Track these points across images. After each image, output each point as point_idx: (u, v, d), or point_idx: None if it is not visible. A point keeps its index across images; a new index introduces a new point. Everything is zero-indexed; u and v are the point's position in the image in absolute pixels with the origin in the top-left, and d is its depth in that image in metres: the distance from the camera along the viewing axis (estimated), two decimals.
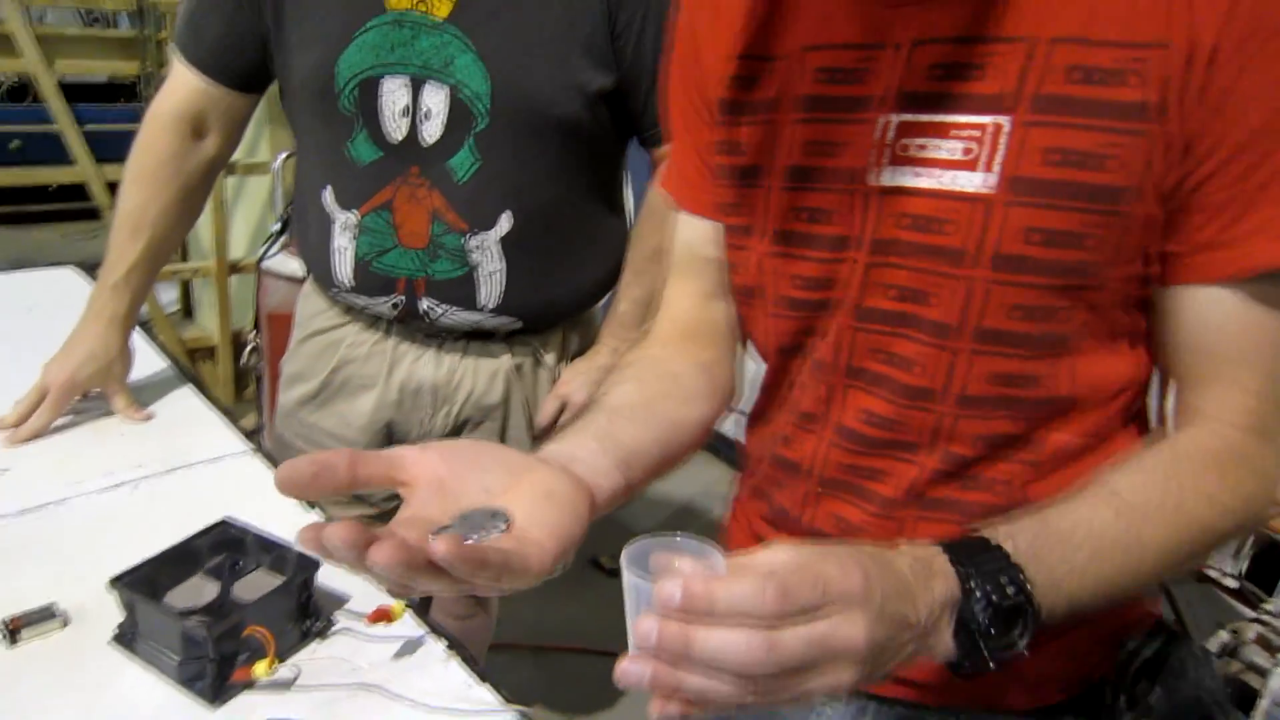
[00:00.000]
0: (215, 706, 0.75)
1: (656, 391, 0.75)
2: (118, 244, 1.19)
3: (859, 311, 0.68)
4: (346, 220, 1.17)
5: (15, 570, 0.88)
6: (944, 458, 0.68)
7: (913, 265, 0.64)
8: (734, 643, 0.45)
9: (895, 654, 0.51)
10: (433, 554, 0.46)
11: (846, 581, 0.48)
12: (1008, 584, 0.53)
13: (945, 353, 0.65)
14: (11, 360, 1.23)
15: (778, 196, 0.70)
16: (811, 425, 0.74)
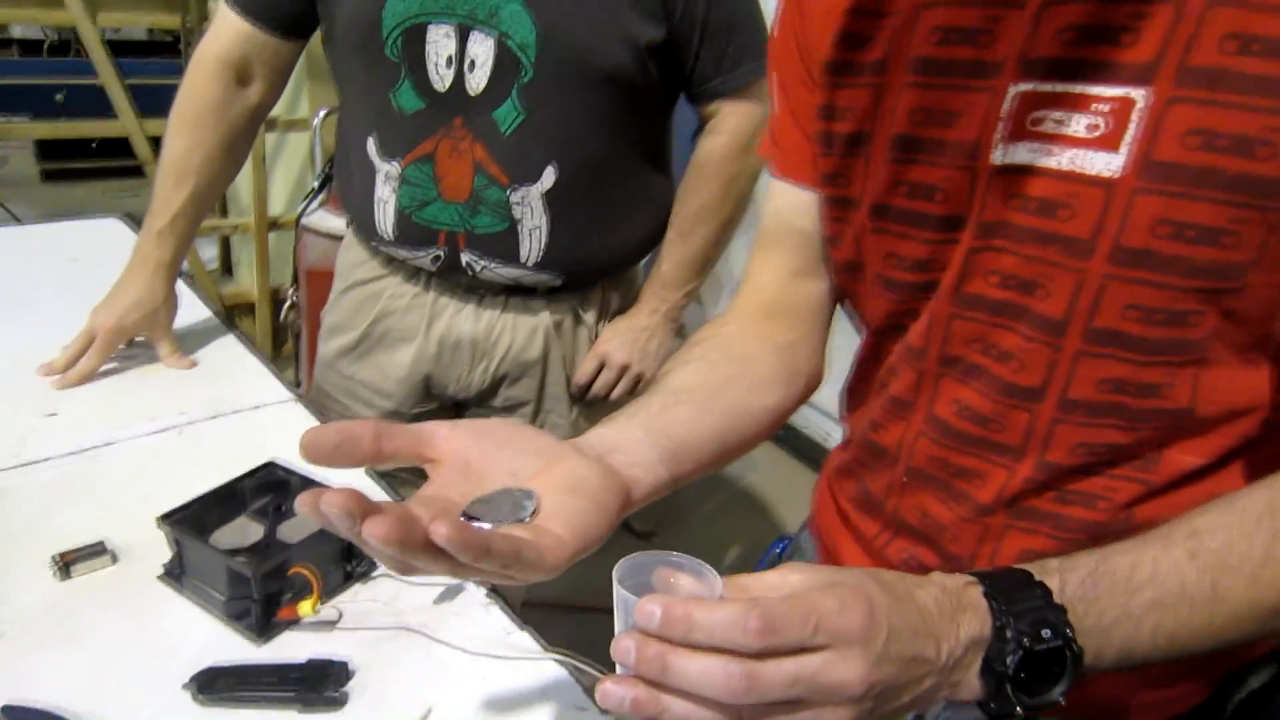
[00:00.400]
0: (261, 643, 0.76)
1: (723, 376, 0.71)
2: (162, 191, 1.20)
3: (959, 297, 0.62)
4: (389, 171, 1.16)
5: (66, 508, 0.90)
6: (1039, 465, 0.62)
7: (1023, 252, 0.58)
8: (712, 672, 0.44)
9: (906, 692, 0.48)
10: (433, 535, 0.44)
11: (844, 618, 0.45)
12: (1044, 627, 0.49)
13: (1049, 350, 0.59)
14: (59, 307, 1.24)
15: (881, 168, 0.64)
16: (901, 412, 0.69)
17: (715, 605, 0.45)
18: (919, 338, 0.66)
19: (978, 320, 0.62)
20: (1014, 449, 0.63)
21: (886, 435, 0.71)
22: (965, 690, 0.50)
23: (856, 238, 0.68)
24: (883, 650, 0.46)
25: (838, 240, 0.71)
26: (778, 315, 0.76)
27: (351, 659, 0.74)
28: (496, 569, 0.47)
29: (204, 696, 0.70)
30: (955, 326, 0.63)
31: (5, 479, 0.93)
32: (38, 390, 1.10)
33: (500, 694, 0.74)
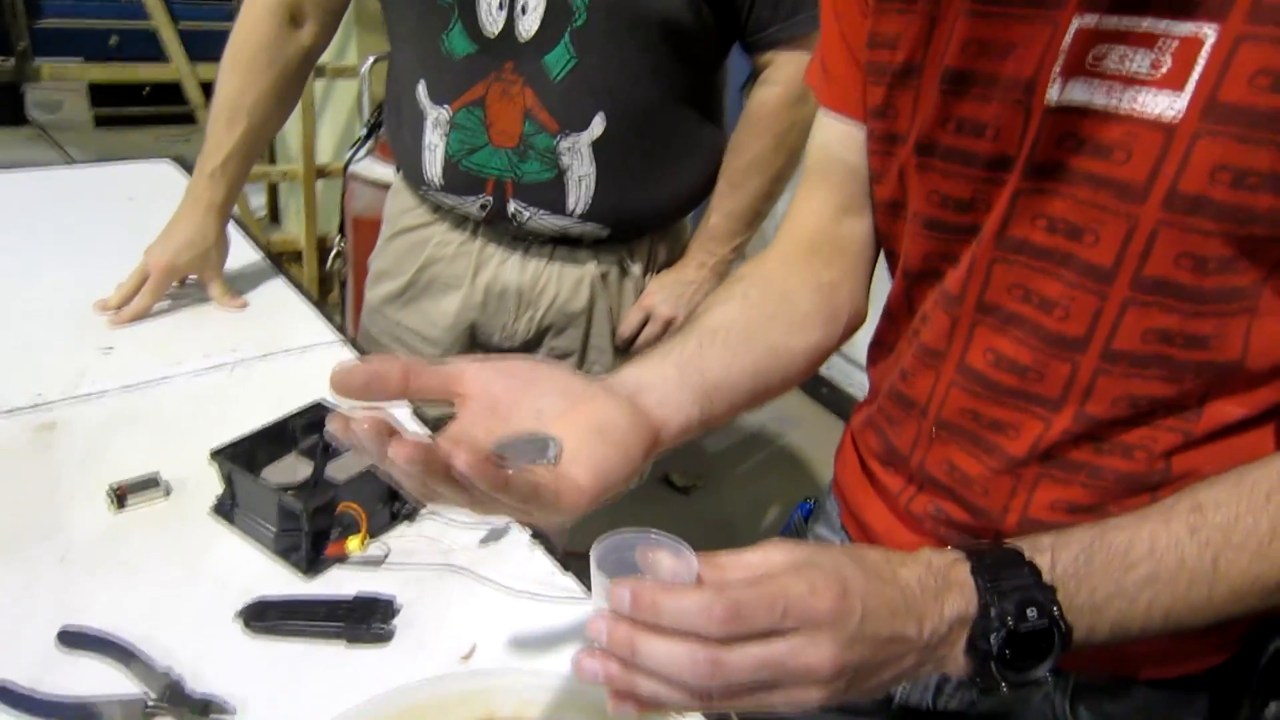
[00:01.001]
0: (309, 577, 0.77)
1: (762, 314, 0.70)
2: (215, 132, 1.20)
3: (1002, 241, 0.60)
4: (439, 116, 1.16)
5: (121, 440, 0.92)
6: (1078, 417, 0.60)
7: (1073, 195, 0.56)
8: (678, 656, 0.44)
9: (886, 670, 0.49)
10: (453, 463, 0.45)
11: (813, 602, 0.45)
12: (1030, 607, 0.49)
13: (1095, 297, 0.57)
14: (113, 246, 1.26)
15: (929, 102, 0.61)
16: (932, 361, 0.67)
17: (683, 591, 0.45)
18: (956, 283, 0.64)
19: (1021, 265, 0.60)
20: (1052, 400, 0.61)
21: (915, 386, 0.70)
22: (951, 666, 0.51)
23: (900, 174, 0.66)
24: (856, 631, 0.46)
25: (881, 177, 0.69)
26: (820, 253, 0.75)
27: (397, 596, 0.76)
28: (515, 504, 0.48)
29: (254, 627, 0.71)
30: (996, 272, 0.61)
31: (63, 410, 0.95)
32: (94, 326, 1.12)
33: (543, 633, 0.75)
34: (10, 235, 1.32)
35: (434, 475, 0.45)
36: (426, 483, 0.47)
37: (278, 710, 0.65)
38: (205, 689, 0.66)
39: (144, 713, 0.63)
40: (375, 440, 0.45)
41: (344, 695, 0.66)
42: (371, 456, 0.47)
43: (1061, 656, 0.51)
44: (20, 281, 1.20)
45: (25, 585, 0.73)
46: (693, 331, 0.67)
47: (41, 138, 4.90)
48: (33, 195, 1.48)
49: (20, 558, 0.76)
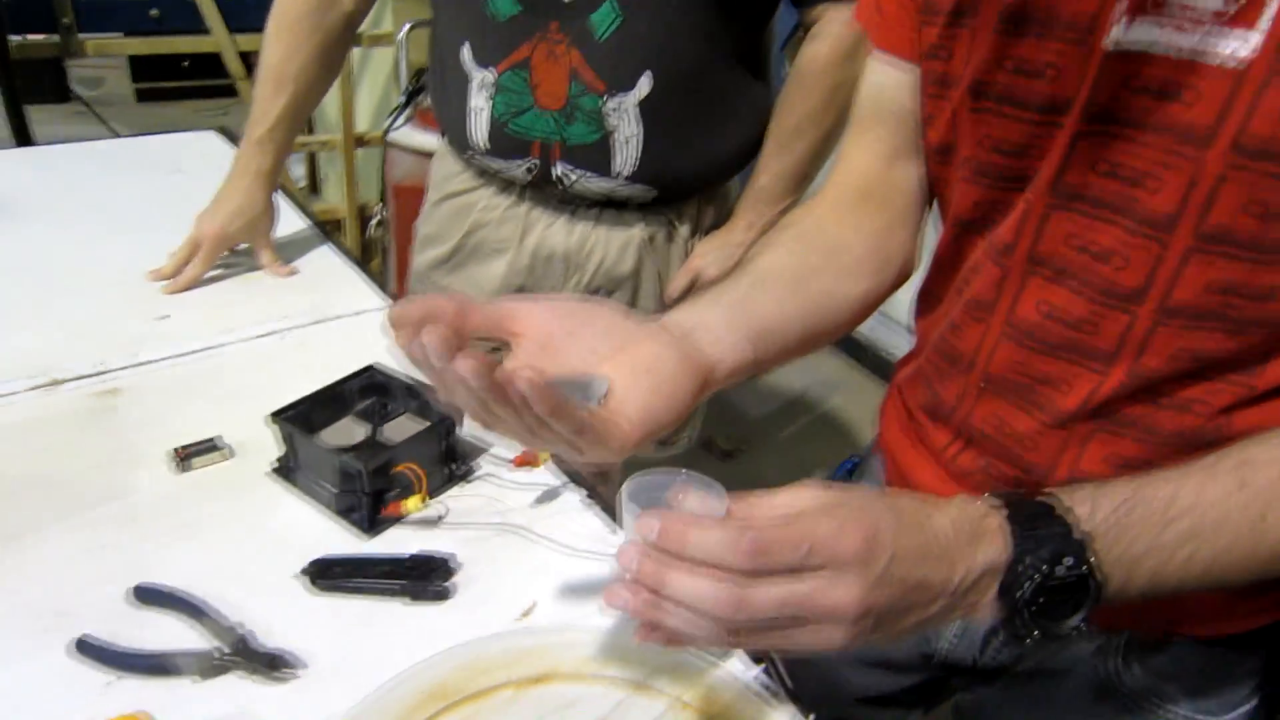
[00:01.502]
0: (369, 537, 0.78)
1: (813, 260, 0.69)
2: (261, 99, 1.21)
3: (1058, 188, 0.58)
4: (484, 79, 1.15)
5: (181, 406, 0.93)
6: (1133, 371, 0.59)
7: (1134, 140, 0.54)
8: (703, 591, 0.45)
9: (912, 614, 0.49)
10: (515, 382, 0.46)
11: (839, 542, 0.46)
12: (1064, 557, 0.49)
13: (1155, 247, 0.55)
14: (164, 216, 1.27)
15: (985, 42, 0.59)
16: (981, 314, 0.66)
17: (711, 525, 0.46)
18: (1008, 232, 0.62)
19: (1077, 214, 0.58)
20: (1106, 354, 0.60)
21: (963, 339, 0.68)
22: (981, 613, 0.51)
23: (952, 118, 0.64)
24: (883, 573, 0.46)
25: (933, 121, 0.67)
26: (871, 199, 0.74)
27: (456, 554, 0.76)
28: (565, 433, 0.49)
29: (318, 584, 0.72)
30: (1051, 221, 0.60)
31: (124, 378, 0.97)
32: (149, 296, 1.14)
33: (599, 591, 0.75)
34: (63, 209, 1.34)
35: (493, 394, 0.46)
36: (485, 403, 0.48)
37: (342, 665, 0.67)
38: (273, 644, 0.67)
39: (215, 666, 0.65)
40: (442, 348, 0.46)
41: (406, 651, 0.67)
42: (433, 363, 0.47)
43: (1095, 608, 0.50)
44: (76, 254, 1.22)
45: (99, 546, 0.75)
46: (743, 275, 0.67)
47: (85, 113, 4.97)
48: (83, 169, 1.50)
49: (92, 520, 0.78)
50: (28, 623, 0.68)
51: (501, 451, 0.90)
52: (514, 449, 0.88)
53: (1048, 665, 0.74)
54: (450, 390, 0.49)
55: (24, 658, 0.65)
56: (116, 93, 5.26)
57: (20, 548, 0.74)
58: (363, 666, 0.66)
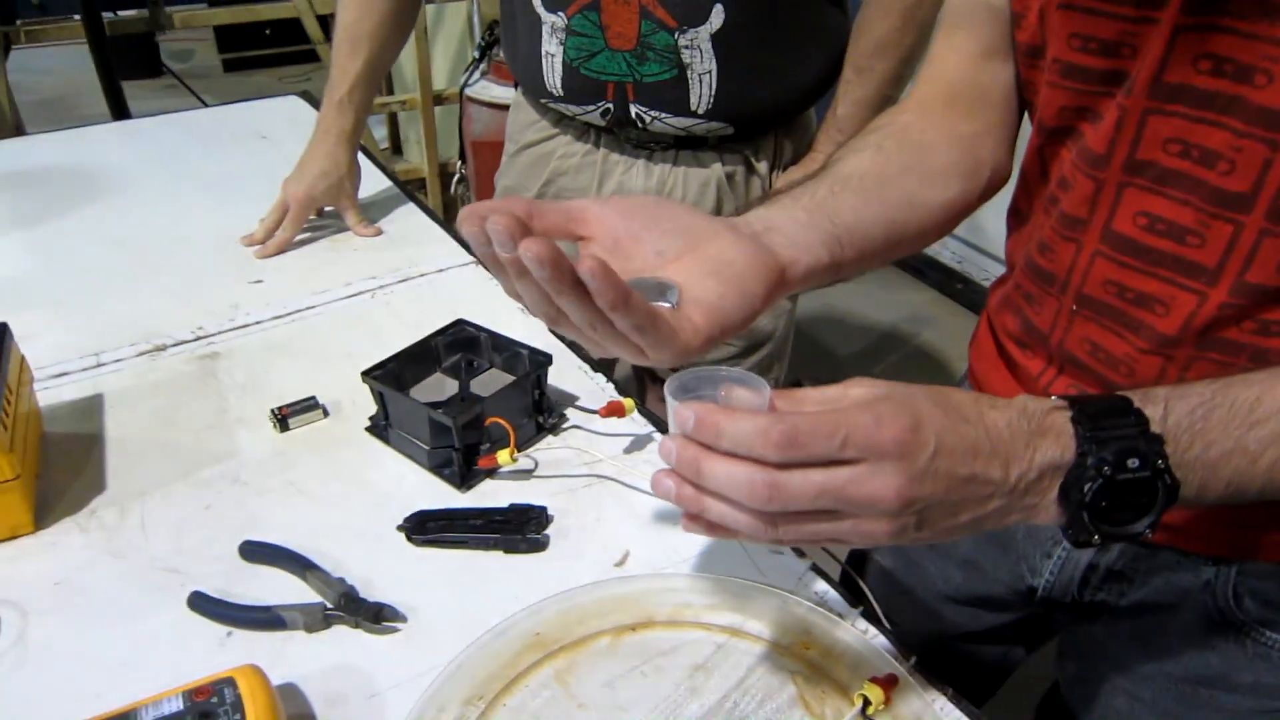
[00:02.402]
0: (463, 490, 0.79)
1: (898, 164, 0.66)
2: (339, 61, 1.22)
3: (1157, 88, 0.54)
4: (555, 23, 1.13)
5: (278, 367, 0.96)
6: (1237, 288, 0.55)
7: (1242, 29, 0.50)
8: (737, 477, 0.44)
9: (964, 510, 0.47)
10: (581, 268, 0.45)
11: (877, 432, 0.44)
12: (1131, 456, 0.46)
13: (1266, 148, 0.51)
14: (252, 182, 1.30)
15: None
16: (1073, 231, 0.62)
17: (744, 415, 0.45)
18: (1102, 141, 0.58)
19: (1178, 116, 0.54)
20: (1209, 270, 0.56)
21: (1055, 259, 0.65)
22: (1042, 514, 0.49)
23: (1041, 15, 0.60)
24: (927, 465, 0.45)
25: (1022, 19, 0.63)
26: (960, 102, 0.70)
27: (550, 506, 0.77)
28: (631, 327, 0.48)
29: (416, 539, 0.74)
30: (1150, 124, 0.55)
31: (224, 341, 1.00)
32: (243, 260, 1.17)
33: (695, 537, 0.75)
34: (156, 179, 1.38)
35: (557, 282, 0.46)
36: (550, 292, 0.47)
37: (444, 616, 0.68)
38: (376, 597, 0.69)
39: (323, 619, 0.67)
40: (508, 235, 0.46)
41: (505, 601, 0.68)
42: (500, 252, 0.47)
43: (1166, 511, 0.48)
44: (170, 223, 1.26)
45: (207, 505, 0.78)
46: (825, 178, 0.64)
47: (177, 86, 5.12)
48: (173, 139, 1.54)
49: (200, 480, 0.81)
50: (147, 579, 0.71)
51: (589, 402, 0.90)
52: (600, 401, 0.88)
53: (1155, 600, 0.71)
54: (515, 280, 0.49)
55: (144, 614, 0.68)
56: (205, 64, 5.40)
57: (135, 509, 0.77)
58: (463, 617, 0.67)
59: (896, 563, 0.88)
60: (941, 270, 3.09)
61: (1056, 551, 0.74)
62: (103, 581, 0.71)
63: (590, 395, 0.91)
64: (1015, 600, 0.80)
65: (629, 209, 0.56)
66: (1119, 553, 0.71)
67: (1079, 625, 0.79)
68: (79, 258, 1.17)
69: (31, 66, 4.96)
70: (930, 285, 3.08)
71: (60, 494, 0.79)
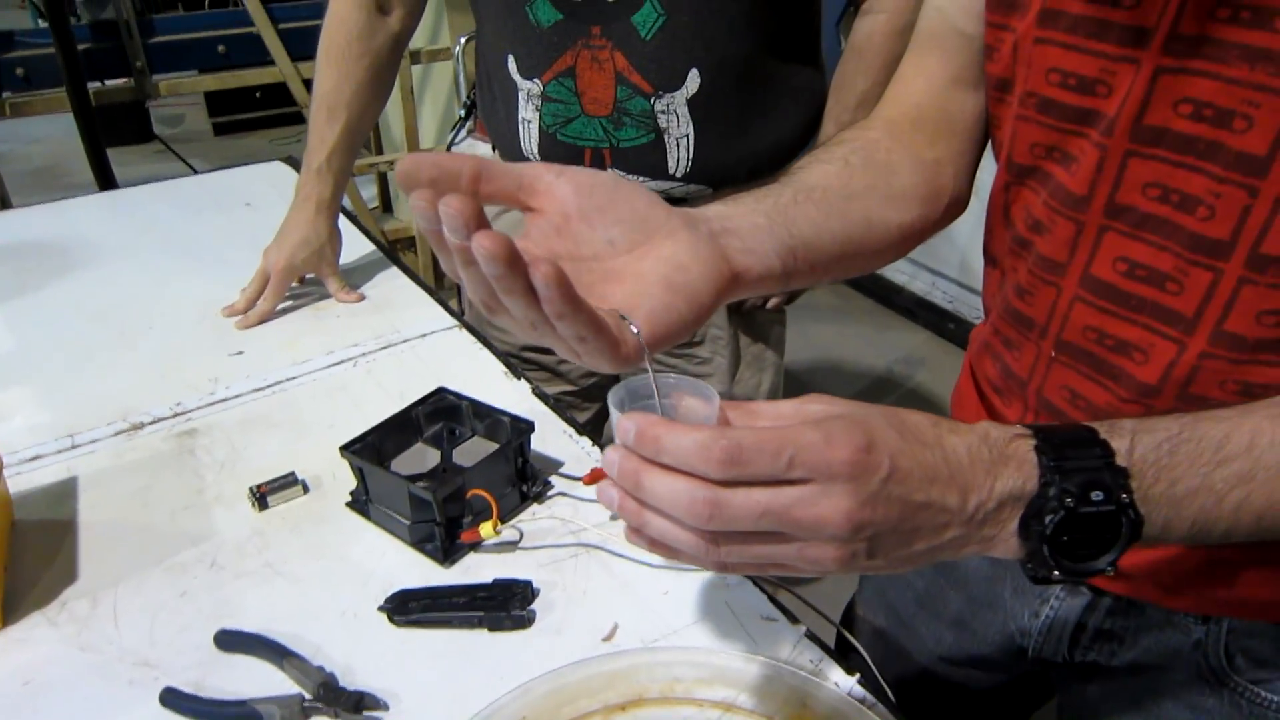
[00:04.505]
0: (447, 565, 0.77)
1: (862, 182, 0.65)
2: (316, 128, 1.22)
3: (1138, 130, 0.54)
4: (530, 90, 1.14)
5: (257, 441, 0.94)
6: (1216, 337, 0.54)
7: (1224, 74, 0.50)
8: (677, 493, 0.42)
9: (919, 539, 0.44)
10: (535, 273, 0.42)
11: (826, 452, 0.41)
12: (1095, 489, 0.44)
13: (1244, 194, 0.50)
14: (236, 250, 1.29)
15: None
16: (1052, 275, 0.62)
17: (686, 429, 0.42)
18: (1083, 183, 0.57)
19: (1159, 160, 0.54)
20: (1187, 317, 0.55)
21: (1034, 303, 0.64)
22: (1000, 547, 0.46)
23: (1015, 48, 0.60)
24: (879, 489, 0.42)
25: (995, 51, 0.63)
26: (926, 126, 0.70)
27: (535, 579, 0.75)
28: (574, 336, 0.45)
29: (398, 620, 0.72)
30: (1132, 166, 0.55)
31: (203, 417, 0.99)
32: (223, 331, 1.16)
33: (682, 607, 0.73)
34: (138, 249, 1.38)
35: (511, 281, 0.42)
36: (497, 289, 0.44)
37: (427, 702, 0.66)
38: (357, 684, 0.67)
39: (301, 710, 0.64)
40: (461, 222, 0.41)
41: (490, 682, 0.66)
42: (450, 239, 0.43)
43: (1128, 548, 0.46)
44: (153, 293, 1.25)
45: (182, 591, 0.76)
46: (788, 185, 0.63)
47: (166, 152, 5.16)
48: (157, 208, 1.54)
49: (175, 564, 0.79)
50: (119, 674, 0.68)
51: (573, 467, 0.88)
52: (584, 467, 0.87)
53: (1147, 660, 0.69)
54: (460, 266, 0.45)
55: (116, 713, 0.66)
56: (196, 128, 5.45)
57: (107, 599, 0.75)
58: (447, 702, 0.65)
59: (889, 623, 0.87)
60: (934, 310, 3.09)
61: (1044, 611, 0.73)
62: (73, 679, 0.68)
63: (575, 459, 0.90)
64: (1008, 660, 0.78)
65: (585, 186, 0.52)
66: (1106, 612, 0.70)
67: (1075, 685, 0.77)
68: (57, 332, 1.16)
69: (19, 135, 5.01)
70: (923, 325, 3.08)
71: (30, 585, 0.77)
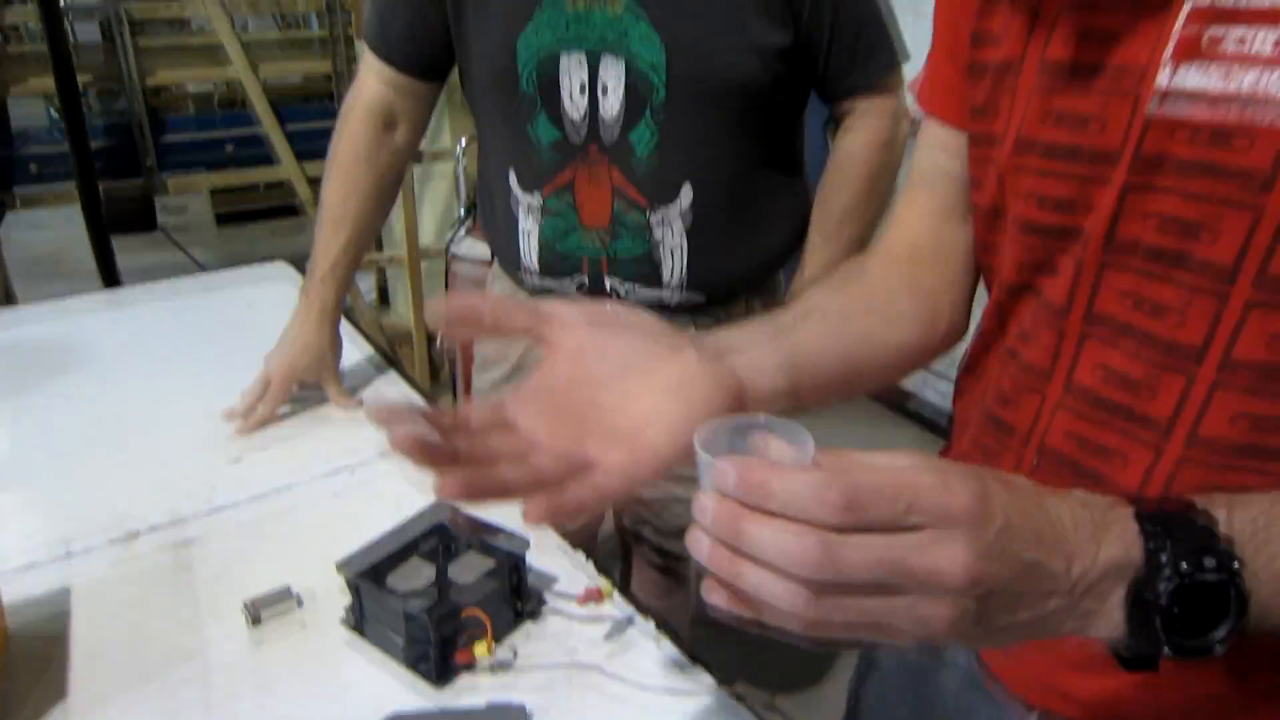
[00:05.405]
0: (440, 687, 0.77)
1: (860, 304, 0.69)
2: (322, 238, 1.25)
3: (1111, 244, 0.57)
4: (531, 203, 1.18)
5: (253, 553, 0.95)
6: (1191, 442, 0.55)
7: (1187, 190, 0.52)
8: (787, 541, 0.39)
9: (1024, 607, 0.42)
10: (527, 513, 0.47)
11: (945, 497, 0.40)
12: (1207, 555, 0.42)
13: (1214, 301, 0.52)
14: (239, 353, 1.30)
15: (1029, 97, 0.60)
16: (1037, 382, 0.63)
17: (795, 472, 0.40)
18: (1061, 294, 0.60)
19: (1132, 270, 0.56)
20: (1162, 424, 0.56)
21: (1017, 411, 0.65)
22: (1101, 624, 0.44)
23: (999, 177, 0.63)
24: (994, 542, 0.40)
25: (981, 182, 0.67)
26: (921, 258, 0.74)
27: (529, 701, 0.75)
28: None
29: None
30: (1106, 278, 0.57)
31: (198, 527, 0.99)
32: (222, 436, 1.16)
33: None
34: (139, 351, 1.40)
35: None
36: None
37: None
38: None
39: None
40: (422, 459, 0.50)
41: None
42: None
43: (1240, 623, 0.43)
44: (152, 395, 1.26)
45: (172, 712, 0.75)
46: (790, 309, 0.67)
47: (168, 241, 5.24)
48: (159, 309, 1.57)
49: (167, 683, 0.78)
50: None
51: (569, 582, 0.88)
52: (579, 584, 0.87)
53: None
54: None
55: None
56: (199, 219, 5.54)
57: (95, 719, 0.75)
58: None
59: None
60: (930, 407, 3.11)
61: None
62: None
63: (570, 576, 0.90)
64: None
65: (597, 318, 0.57)
66: None
67: None
68: (55, 436, 1.17)
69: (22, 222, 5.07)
70: (913, 423, 3.09)
71: (20, 701, 0.76)
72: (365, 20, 1.28)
